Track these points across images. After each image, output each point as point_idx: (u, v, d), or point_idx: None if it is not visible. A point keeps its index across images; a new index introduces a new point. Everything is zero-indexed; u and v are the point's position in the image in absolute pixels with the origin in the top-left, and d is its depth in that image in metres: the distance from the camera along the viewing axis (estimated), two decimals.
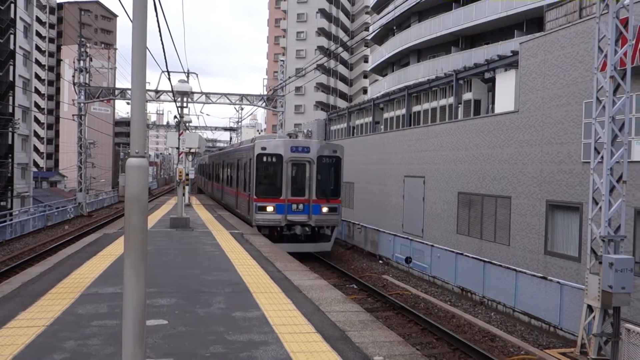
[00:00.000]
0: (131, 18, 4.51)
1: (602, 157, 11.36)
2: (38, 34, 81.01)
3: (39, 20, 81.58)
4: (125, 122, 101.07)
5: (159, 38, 11.14)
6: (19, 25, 51.12)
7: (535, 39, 19.09)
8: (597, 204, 11.55)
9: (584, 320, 11.60)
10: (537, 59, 18.43)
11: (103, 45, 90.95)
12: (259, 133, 36.14)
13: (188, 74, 24.51)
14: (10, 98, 47.00)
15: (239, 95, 40.07)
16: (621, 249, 11.32)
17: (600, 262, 10.97)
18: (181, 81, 21.51)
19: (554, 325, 13.99)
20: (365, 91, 75.60)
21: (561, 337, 13.57)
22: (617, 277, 10.60)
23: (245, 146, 24.17)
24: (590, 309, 11.42)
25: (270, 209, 20.50)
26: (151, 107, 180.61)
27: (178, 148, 22.79)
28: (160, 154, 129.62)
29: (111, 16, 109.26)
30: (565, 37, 17.17)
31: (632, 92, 12.18)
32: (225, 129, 54.13)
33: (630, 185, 12.79)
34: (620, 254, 11.19)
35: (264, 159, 20.80)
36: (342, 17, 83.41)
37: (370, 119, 35.39)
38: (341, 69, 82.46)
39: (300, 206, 20.77)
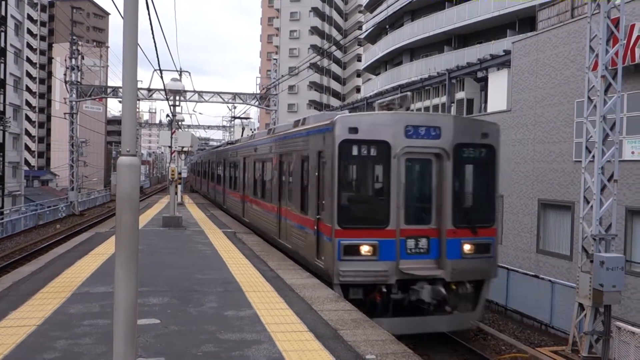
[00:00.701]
0: (122, 15, 4.49)
1: (593, 156, 11.42)
2: (29, 31, 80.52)
3: (30, 17, 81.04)
4: (118, 121, 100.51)
5: (151, 36, 11.10)
6: (10, 23, 50.78)
7: (528, 38, 19.17)
8: (588, 202, 11.61)
9: (575, 319, 11.67)
10: (530, 58, 18.50)
11: (95, 43, 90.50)
12: (252, 132, 35.29)
13: (181, 72, 24.45)
14: (1, 96, 46.70)
15: (232, 93, 40.04)
16: (612, 248, 11.40)
17: (592, 261, 11.03)
18: (174, 79, 21.42)
19: (545, 323, 14.06)
20: (358, 90, 75.70)
21: (553, 336, 13.64)
22: (608, 275, 10.66)
23: (305, 128, 13.15)
24: (581, 307, 11.49)
25: (366, 250, 10.48)
26: (143, 106, 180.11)
27: (170, 147, 22.68)
28: (153, 152, 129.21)
29: (103, 14, 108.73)
30: (557, 37, 17.25)
31: (623, 91, 12.25)
32: (234, 118, 49.37)
33: (621, 184, 12.86)
34: (611, 252, 11.27)
35: (354, 150, 10.76)
36: (336, 16, 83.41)
37: None
38: (334, 68, 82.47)
39: (423, 244, 10.84)
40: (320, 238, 11.32)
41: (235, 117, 43.39)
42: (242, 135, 34.75)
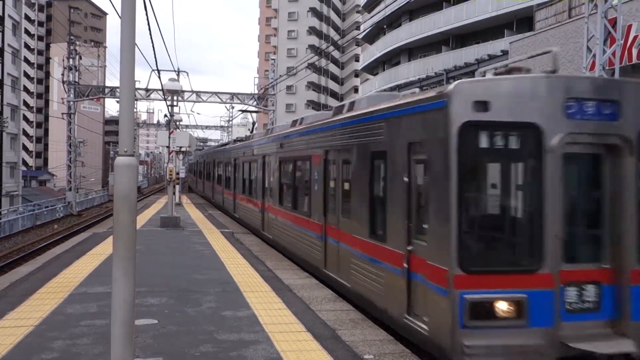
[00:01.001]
0: (120, 15, 4.50)
1: None
2: (27, 31, 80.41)
3: (27, 17, 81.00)
4: (115, 121, 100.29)
5: (149, 36, 11.11)
6: (7, 23, 50.70)
7: (525, 38, 19.21)
8: None
9: None
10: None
11: (93, 43, 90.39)
12: (251, 131, 34.30)
13: (178, 72, 24.47)
14: None
15: (230, 94, 40.05)
16: None
17: None
18: (171, 80, 21.41)
19: None
20: (356, 90, 75.73)
21: None
22: None
23: (380, 109, 8.08)
24: None
25: (506, 309, 5.84)
26: (141, 106, 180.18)
27: (168, 147, 22.69)
28: (151, 152, 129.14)
29: (101, 14, 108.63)
30: (555, 37, 17.28)
31: None
32: (242, 112, 43.82)
33: None
34: None
35: (483, 140, 6.08)
36: (333, 16, 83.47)
37: None
38: (332, 68, 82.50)
39: (590, 294, 6.17)
40: (417, 285, 6.76)
41: (243, 111, 39.85)
42: (252, 132, 30.68)
